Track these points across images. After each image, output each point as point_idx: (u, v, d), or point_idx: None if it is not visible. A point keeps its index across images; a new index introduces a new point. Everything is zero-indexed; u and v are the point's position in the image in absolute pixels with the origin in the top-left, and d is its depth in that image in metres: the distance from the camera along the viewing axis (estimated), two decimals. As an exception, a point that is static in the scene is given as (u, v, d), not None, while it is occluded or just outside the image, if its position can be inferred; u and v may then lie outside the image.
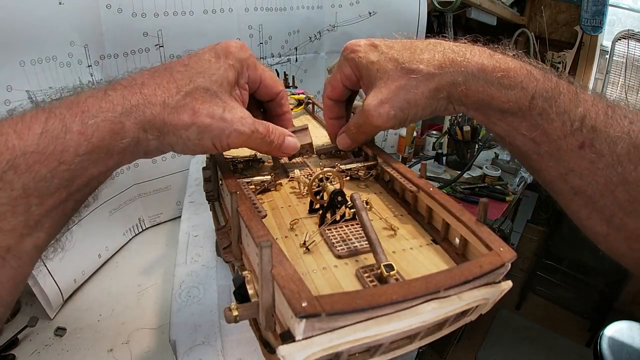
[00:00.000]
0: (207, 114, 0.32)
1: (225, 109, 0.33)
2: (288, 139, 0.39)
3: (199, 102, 0.32)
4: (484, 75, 0.35)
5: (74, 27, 0.57)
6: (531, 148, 0.36)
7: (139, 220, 0.79)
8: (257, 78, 0.39)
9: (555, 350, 1.37)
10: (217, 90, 0.33)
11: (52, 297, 0.56)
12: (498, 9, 1.56)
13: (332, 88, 0.44)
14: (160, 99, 0.31)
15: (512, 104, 0.34)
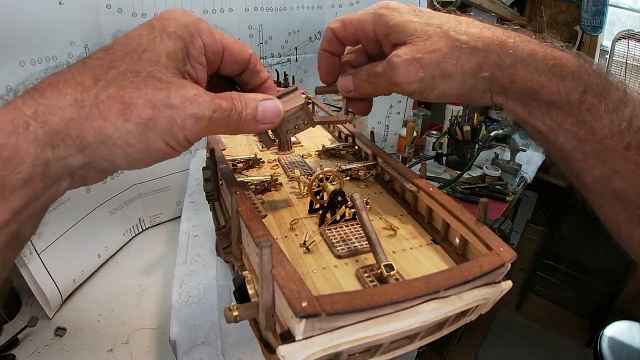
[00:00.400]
0: (144, 103, 0.24)
1: (171, 90, 0.25)
2: (263, 104, 0.30)
3: (130, 90, 0.24)
4: (534, 61, 0.31)
5: (74, 27, 0.57)
6: (575, 146, 0.33)
7: (139, 220, 0.79)
8: (218, 46, 0.30)
9: (555, 350, 1.37)
10: (153, 70, 0.25)
11: (50, 297, 0.56)
12: (498, 9, 1.56)
13: (342, 27, 0.37)
14: (71, 98, 0.23)
15: (561, 96, 0.32)
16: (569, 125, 0.32)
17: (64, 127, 0.23)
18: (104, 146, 0.24)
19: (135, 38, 0.26)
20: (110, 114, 0.23)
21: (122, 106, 0.23)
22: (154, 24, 0.27)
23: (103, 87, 0.23)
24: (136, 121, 0.23)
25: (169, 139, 0.25)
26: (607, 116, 0.31)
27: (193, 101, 0.25)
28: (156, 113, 0.24)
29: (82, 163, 0.24)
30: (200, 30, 0.29)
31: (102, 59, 0.25)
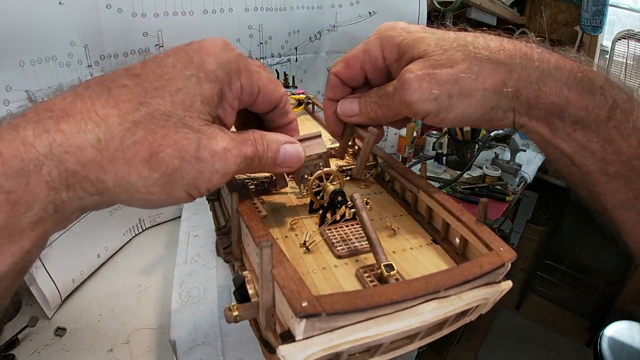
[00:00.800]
0: (174, 154, 0.22)
1: (200, 142, 0.23)
2: (285, 148, 0.29)
3: (159, 136, 0.22)
4: (561, 74, 0.29)
5: (74, 27, 0.57)
6: (600, 168, 0.31)
7: (139, 220, 0.79)
8: (254, 87, 0.28)
9: (555, 350, 1.37)
10: (185, 116, 0.23)
11: (50, 297, 0.56)
12: (498, 9, 1.56)
13: (346, 66, 0.34)
14: (93, 137, 0.20)
15: (589, 113, 0.29)
16: (595, 146, 0.30)
17: (82, 169, 0.20)
18: (123, 192, 0.22)
19: (169, 69, 0.23)
20: (136, 161, 0.21)
21: (149, 153, 0.21)
22: (191, 55, 0.24)
23: (130, 130, 0.21)
24: (162, 171, 0.22)
25: (192, 189, 0.24)
26: (634, 134, 0.29)
27: (222, 156, 0.24)
28: (183, 165, 0.22)
29: (98, 202, 0.22)
30: (239, 71, 0.26)
31: (130, 90, 0.22)
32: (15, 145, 0.19)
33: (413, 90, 0.29)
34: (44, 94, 0.23)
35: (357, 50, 0.34)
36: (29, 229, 0.20)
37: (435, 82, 0.28)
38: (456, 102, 0.29)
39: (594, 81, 0.29)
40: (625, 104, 0.29)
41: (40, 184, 0.19)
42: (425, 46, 0.30)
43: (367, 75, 0.34)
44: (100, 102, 0.21)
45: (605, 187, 0.31)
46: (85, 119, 0.21)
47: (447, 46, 0.29)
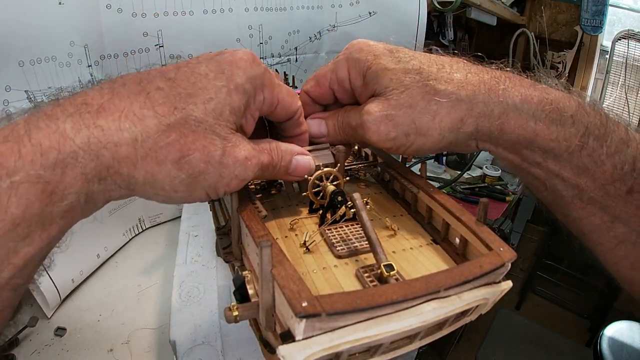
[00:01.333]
0: (201, 158, 0.24)
1: (225, 149, 0.25)
2: (297, 159, 0.31)
3: (190, 140, 0.23)
4: (528, 107, 0.29)
5: (74, 27, 0.57)
6: (574, 194, 0.31)
7: (139, 220, 0.79)
8: (274, 100, 0.29)
9: (555, 350, 1.37)
10: (214, 124, 0.24)
11: (49, 297, 0.56)
12: (498, 9, 1.56)
13: (316, 85, 0.35)
14: (129, 136, 0.22)
15: (560, 143, 0.29)
16: (568, 174, 0.30)
17: (116, 164, 0.22)
18: (151, 188, 0.24)
19: (202, 78, 0.25)
20: (167, 161, 0.23)
21: (179, 155, 0.23)
22: (222, 67, 0.26)
23: (165, 132, 0.23)
24: (188, 173, 0.24)
25: (211, 191, 0.26)
26: (609, 160, 0.29)
27: (243, 164, 0.26)
28: (208, 169, 0.24)
29: (124, 195, 0.24)
30: (264, 84, 0.28)
31: (166, 93, 0.23)
32: (55, 137, 0.20)
33: (372, 132, 0.31)
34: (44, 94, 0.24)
35: (327, 69, 0.34)
36: (59, 217, 0.21)
37: (392, 124, 0.30)
38: (414, 140, 0.30)
39: (564, 111, 0.29)
40: (598, 130, 0.29)
41: (76, 176, 0.21)
42: (387, 81, 0.30)
43: (334, 92, 0.35)
44: (138, 103, 0.23)
45: (580, 212, 0.32)
46: (123, 117, 0.22)
47: (407, 82, 0.30)
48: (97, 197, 0.23)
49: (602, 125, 0.29)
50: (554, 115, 0.29)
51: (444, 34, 1.53)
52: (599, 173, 0.29)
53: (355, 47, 0.32)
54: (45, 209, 0.20)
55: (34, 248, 0.21)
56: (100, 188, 0.22)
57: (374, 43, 0.33)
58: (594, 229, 0.32)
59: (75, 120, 0.21)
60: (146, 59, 0.68)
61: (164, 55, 0.70)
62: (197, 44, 0.71)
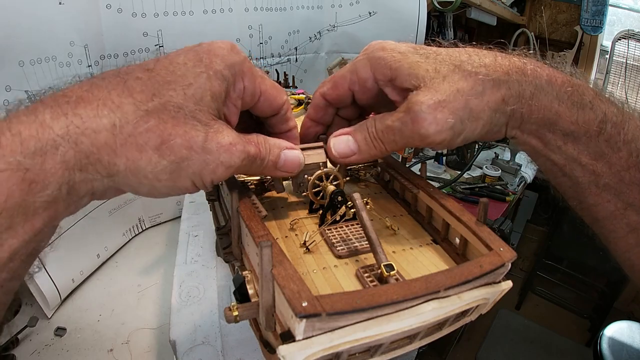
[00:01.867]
0: (182, 144, 0.23)
1: (208, 134, 0.24)
2: (285, 153, 0.30)
3: (170, 126, 0.23)
4: (552, 89, 0.29)
5: (74, 27, 0.57)
6: (591, 180, 0.31)
7: (139, 220, 0.79)
8: (256, 90, 0.29)
9: (555, 350, 1.37)
10: (195, 109, 0.24)
11: (49, 297, 0.56)
12: (498, 9, 1.56)
13: (333, 86, 0.34)
14: (108, 122, 0.21)
15: (579, 127, 0.29)
16: (585, 158, 0.30)
17: (96, 151, 0.21)
18: (133, 176, 0.23)
19: (181, 67, 0.25)
20: (147, 147, 0.22)
21: (160, 141, 0.23)
22: (201, 55, 0.26)
23: (143, 117, 0.22)
24: (171, 159, 0.23)
25: (197, 180, 0.25)
26: (625, 147, 0.29)
27: (227, 149, 0.25)
28: (191, 155, 0.24)
29: (107, 186, 0.24)
30: (243, 72, 0.28)
31: (144, 82, 0.23)
32: (34, 126, 0.20)
33: (428, 123, 0.28)
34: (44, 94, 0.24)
35: (345, 70, 0.33)
36: (42, 208, 0.21)
37: (447, 110, 0.28)
38: (467, 125, 0.29)
39: (584, 95, 0.29)
40: (616, 117, 0.29)
41: (56, 164, 0.20)
42: (422, 72, 0.29)
43: (354, 95, 0.34)
44: (116, 92, 0.22)
45: (595, 198, 0.32)
46: (101, 105, 0.22)
47: (444, 70, 0.29)
48: (79, 187, 0.22)
49: (619, 112, 0.30)
50: (575, 98, 0.29)
51: (444, 34, 1.53)
52: (615, 159, 0.30)
53: (377, 46, 0.31)
54: (27, 199, 0.20)
55: (17, 240, 0.20)
56: (82, 177, 0.22)
57: (395, 42, 0.32)
58: (608, 215, 0.32)
59: (54, 111, 0.21)
60: (146, 59, 0.68)
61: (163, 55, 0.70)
62: (197, 44, 0.71)
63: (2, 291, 0.22)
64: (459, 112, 0.28)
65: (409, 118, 0.28)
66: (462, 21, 1.72)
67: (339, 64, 0.65)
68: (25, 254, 0.22)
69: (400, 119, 0.29)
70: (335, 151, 0.32)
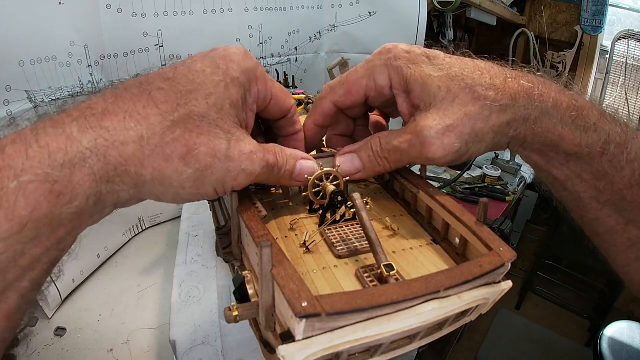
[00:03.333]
0: (207, 152, 0.24)
1: (231, 142, 0.25)
2: (301, 163, 0.31)
3: (195, 135, 0.23)
4: (557, 112, 0.29)
5: (74, 27, 0.57)
6: (593, 196, 0.32)
7: (139, 220, 0.79)
8: (268, 93, 0.30)
9: (555, 350, 1.37)
10: (217, 118, 0.25)
11: (49, 297, 0.56)
12: (498, 9, 1.56)
13: (347, 94, 0.33)
14: (135, 134, 0.22)
15: (582, 148, 0.30)
16: (588, 176, 0.31)
17: (124, 163, 0.22)
18: (160, 185, 0.23)
19: (200, 75, 0.25)
20: (173, 157, 0.23)
21: (185, 150, 0.23)
22: (217, 62, 0.26)
23: (170, 128, 0.23)
24: (196, 167, 0.23)
25: (219, 187, 0.25)
26: (628, 166, 0.30)
27: (249, 157, 0.26)
28: (215, 163, 0.24)
29: (133, 196, 0.24)
30: (257, 77, 0.28)
31: (167, 92, 0.24)
32: (62, 139, 0.20)
33: (436, 148, 0.29)
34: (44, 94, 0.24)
35: (359, 76, 0.32)
36: (67, 219, 0.21)
37: (454, 135, 0.28)
38: (471, 147, 0.30)
39: (588, 118, 0.30)
40: (619, 137, 0.30)
41: (84, 177, 0.21)
42: (434, 89, 0.29)
43: (369, 102, 0.34)
44: (142, 104, 0.23)
45: (596, 213, 0.32)
46: (127, 117, 0.22)
47: (455, 90, 0.29)
48: (105, 199, 0.22)
49: (622, 133, 0.30)
50: (579, 121, 0.30)
51: (444, 34, 1.53)
52: (617, 178, 0.30)
53: (392, 53, 0.31)
54: (54, 210, 0.20)
55: (40, 249, 0.21)
56: (109, 189, 0.22)
57: (408, 47, 0.32)
58: (609, 230, 0.33)
59: (81, 124, 0.21)
60: (146, 59, 0.68)
61: (163, 55, 0.70)
62: (197, 44, 0.71)
63: (22, 300, 0.21)
64: (464, 137, 0.29)
65: (418, 142, 0.29)
66: (462, 21, 1.72)
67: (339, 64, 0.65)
68: (48, 263, 0.22)
69: (409, 141, 0.30)
70: (342, 170, 0.33)
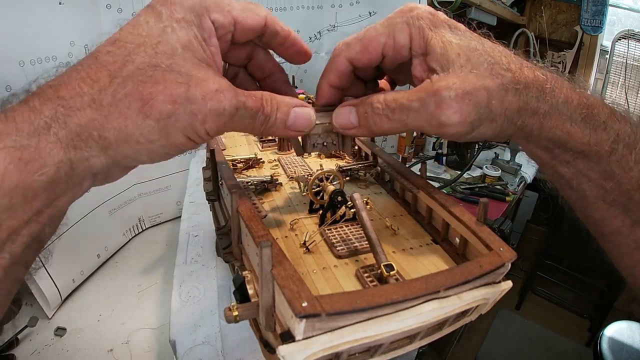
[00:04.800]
0: (165, 100, 0.23)
1: (190, 84, 0.23)
2: (296, 110, 0.28)
3: (149, 85, 0.23)
4: (567, 109, 0.28)
5: (74, 27, 0.57)
6: (598, 195, 0.31)
7: (139, 220, 0.79)
8: (228, 19, 0.27)
9: (555, 350, 1.37)
10: (171, 63, 0.23)
11: (50, 297, 0.56)
12: (498, 9, 1.56)
13: (363, 50, 0.30)
14: (88, 98, 0.22)
15: (591, 147, 0.29)
16: (595, 175, 0.30)
17: (84, 128, 0.22)
18: (126, 145, 0.23)
19: (144, 27, 0.24)
20: (130, 112, 0.22)
21: (141, 103, 0.22)
22: (159, 9, 0.25)
23: (120, 84, 0.22)
24: (156, 117, 0.23)
25: (190, 133, 0.24)
26: (636, 167, 0.29)
27: (214, 97, 0.24)
28: (176, 108, 0.23)
29: (105, 163, 0.23)
30: (207, 8, 0.26)
31: (114, 53, 0.23)
32: (26, 113, 0.21)
33: (453, 111, 0.26)
34: None
35: (377, 33, 0.30)
36: (41, 189, 0.21)
37: (472, 104, 0.26)
38: (482, 125, 0.28)
39: (598, 116, 0.29)
40: (629, 137, 0.29)
41: (50, 143, 0.21)
42: (454, 55, 0.27)
43: (384, 61, 0.31)
44: (92, 69, 0.23)
45: (602, 213, 0.32)
46: (80, 85, 0.22)
47: (474, 61, 0.27)
48: (77, 167, 0.22)
49: (632, 133, 0.29)
50: (588, 119, 0.29)
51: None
52: (625, 179, 0.29)
53: (415, 12, 0.29)
54: (25, 179, 0.20)
55: (17, 221, 0.21)
56: (79, 156, 0.22)
57: (432, 10, 0.30)
58: (614, 231, 0.32)
59: (41, 97, 0.22)
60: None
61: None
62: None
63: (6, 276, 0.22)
64: (481, 110, 0.26)
65: (433, 101, 0.26)
66: (462, 21, 1.72)
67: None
68: (27, 236, 0.22)
69: (421, 100, 0.27)
70: (336, 122, 0.31)
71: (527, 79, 0.28)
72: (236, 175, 0.42)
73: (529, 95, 0.28)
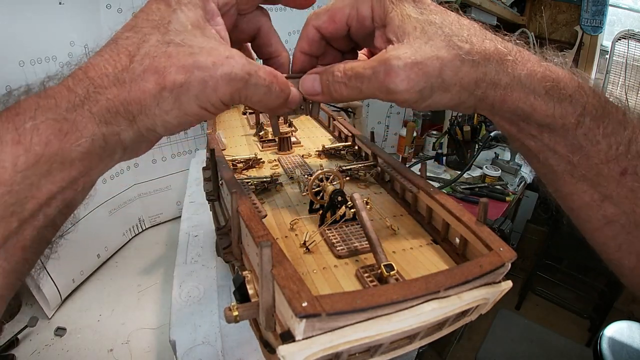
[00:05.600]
0: (177, 70, 0.24)
1: (202, 53, 0.25)
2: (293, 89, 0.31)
3: (163, 60, 0.24)
4: (530, 82, 0.29)
5: (74, 27, 0.57)
6: (566, 169, 0.31)
7: (139, 220, 0.79)
8: None
9: (555, 350, 1.37)
10: (183, 38, 0.25)
11: (50, 297, 0.56)
12: (498, 9, 1.56)
13: (330, 20, 0.32)
14: (112, 78, 0.24)
15: (556, 119, 0.29)
16: (561, 148, 0.31)
17: (112, 104, 0.24)
18: (145, 116, 0.25)
19: (156, 12, 0.26)
20: (148, 85, 0.24)
21: (157, 76, 0.24)
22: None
23: (138, 62, 0.24)
24: (170, 88, 0.24)
25: (203, 102, 0.25)
26: (604, 140, 0.29)
27: (224, 62, 0.25)
28: (188, 77, 0.24)
29: (134, 136, 0.26)
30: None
31: (132, 37, 0.25)
32: (64, 91, 0.24)
33: (400, 79, 0.27)
34: None
35: (343, 4, 0.32)
36: (77, 159, 0.24)
37: (422, 73, 0.27)
38: (435, 94, 0.29)
39: (564, 89, 0.29)
40: (596, 110, 0.29)
41: (85, 119, 0.24)
42: (410, 28, 0.29)
43: (350, 30, 0.33)
44: (114, 52, 0.25)
45: (570, 187, 0.32)
46: (105, 66, 0.25)
47: (431, 33, 0.28)
48: (110, 140, 0.25)
49: (600, 106, 0.29)
50: (553, 92, 0.29)
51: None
52: (593, 152, 0.30)
53: None
54: (64, 147, 0.23)
55: (55, 186, 0.23)
56: (110, 130, 0.25)
57: None
58: (583, 205, 0.32)
59: (74, 78, 0.24)
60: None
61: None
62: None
63: (38, 237, 0.24)
64: (431, 79, 0.28)
65: (383, 69, 0.28)
66: (462, 21, 1.71)
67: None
68: (62, 201, 0.25)
69: (373, 67, 0.28)
70: (302, 88, 0.32)
71: (487, 51, 0.28)
72: (236, 175, 0.42)
73: (488, 67, 0.28)
